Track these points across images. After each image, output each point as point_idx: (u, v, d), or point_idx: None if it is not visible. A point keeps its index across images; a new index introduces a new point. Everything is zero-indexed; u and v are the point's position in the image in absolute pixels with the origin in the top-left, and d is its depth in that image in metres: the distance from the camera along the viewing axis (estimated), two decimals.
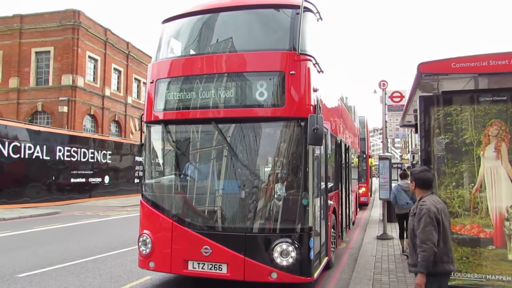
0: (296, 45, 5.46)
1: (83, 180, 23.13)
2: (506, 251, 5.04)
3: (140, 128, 6.56)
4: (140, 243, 5.94)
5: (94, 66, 31.34)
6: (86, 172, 23.30)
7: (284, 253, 5.19)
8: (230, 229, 5.66)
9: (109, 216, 16.53)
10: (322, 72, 6.32)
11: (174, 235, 5.65)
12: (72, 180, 22.24)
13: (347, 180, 10.89)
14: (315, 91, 5.72)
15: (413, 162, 28.27)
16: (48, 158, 20.40)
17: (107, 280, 6.78)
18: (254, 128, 5.75)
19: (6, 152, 18.00)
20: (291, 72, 5.43)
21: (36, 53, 29.53)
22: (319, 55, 6.08)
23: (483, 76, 5.45)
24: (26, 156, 19.11)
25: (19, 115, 28.52)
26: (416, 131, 6.82)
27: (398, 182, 8.98)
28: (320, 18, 6.48)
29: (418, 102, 5.72)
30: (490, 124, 5.24)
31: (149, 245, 5.81)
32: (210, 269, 5.45)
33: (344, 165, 10.03)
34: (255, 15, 6.28)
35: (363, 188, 18.63)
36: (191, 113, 5.90)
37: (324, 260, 6.54)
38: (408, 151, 47.95)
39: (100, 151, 24.57)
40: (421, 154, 5.77)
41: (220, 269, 5.41)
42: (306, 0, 5.79)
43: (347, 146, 10.77)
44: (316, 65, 5.91)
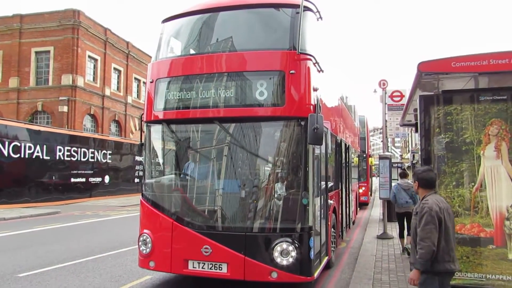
0: (296, 44, 5.45)
1: (83, 179, 23.13)
2: (506, 250, 5.05)
3: (140, 128, 6.56)
4: (140, 243, 5.94)
5: (94, 65, 31.33)
6: (86, 171, 23.30)
7: (284, 252, 5.19)
8: (230, 228, 5.65)
9: (109, 216, 16.53)
10: (322, 71, 6.31)
11: (174, 235, 5.64)
12: (72, 179, 22.25)
13: (347, 179, 10.88)
14: (315, 90, 5.71)
15: (413, 162, 28.28)
16: (48, 158, 20.40)
17: (107, 279, 6.78)
18: (254, 128, 5.74)
19: (6, 152, 18.01)
20: (291, 72, 5.42)
21: (36, 52, 29.53)
22: (319, 54, 6.07)
23: (483, 75, 5.44)
24: (26, 156, 19.11)
25: (19, 115, 28.53)
26: (416, 131, 6.81)
27: (398, 181, 8.98)
28: (320, 18, 6.47)
29: (418, 101, 5.72)
30: (490, 123, 5.24)
31: (149, 244, 5.80)
32: (210, 268, 5.45)
33: (344, 164, 10.02)
34: (255, 14, 6.27)
35: (363, 188, 18.64)
36: (191, 112, 5.89)
37: (324, 259, 6.54)
38: (408, 150, 47.93)
39: (100, 151, 24.56)
40: (421, 154, 5.77)
41: (220, 268, 5.41)
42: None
43: (347, 145, 10.76)
44: (316, 64, 5.90)
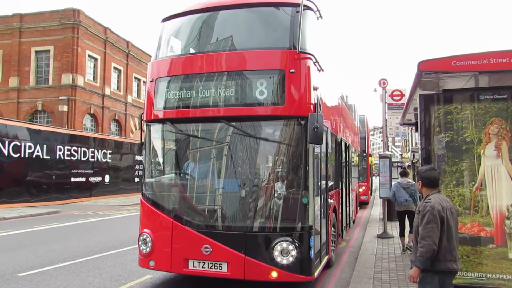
0: (296, 43, 5.44)
1: (83, 179, 23.13)
2: (506, 249, 5.04)
3: (140, 127, 6.55)
4: (140, 242, 5.93)
5: (94, 65, 31.32)
6: (86, 171, 23.30)
7: (285, 252, 5.19)
8: (230, 228, 5.64)
9: (109, 215, 16.52)
10: (322, 70, 6.31)
11: (174, 234, 5.64)
12: (72, 179, 22.24)
13: (347, 178, 10.88)
14: (315, 89, 5.70)
15: (413, 161, 28.31)
16: (48, 157, 20.40)
17: (108, 279, 6.78)
18: (254, 127, 5.72)
19: (6, 152, 18.00)
20: (291, 71, 5.41)
21: (36, 52, 29.52)
22: (319, 53, 6.06)
23: (484, 74, 5.43)
24: (26, 156, 19.11)
25: (19, 115, 28.52)
26: (417, 130, 6.80)
27: (397, 180, 8.99)
28: (320, 16, 6.46)
29: (419, 100, 5.71)
30: (490, 123, 5.23)
31: (149, 244, 5.80)
32: (210, 268, 5.44)
33: (344, 163, 10.01)
34: (255, 13, 6.26)
35: (363, 187, 18.62)
36: (191, 111, 5.89)
37: (325, 259, 6.54)
38: (408, 149, 47.94)
39: (100, 150, 24.56)
40: (421, 153, 5.76)
41: (220, 268, 5.41)
42: None
43: (348, 144, 10.75)
44: (316, 63, 5.89)
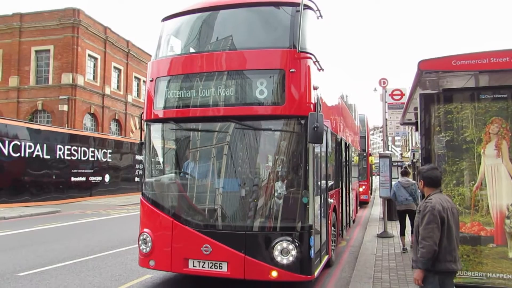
0: (296, 43, 5.43)
1: (84, 178, 23.13)
2: (506, 249, 5.05)
3: (140, 127, 6.55)
4: (140, 242, 5.93)
5: (94, 64, 31.31)
6: (86, 170, 23.29)
7: (285, 251, 5.19)
8: (230, 227, 5.65)
9: (109, 215, 16.52)
10: (323, 70, 6.30)
11: (174, 234, 5.64)
12: (73, 178, 22.24)
13: (348, 178, 10.88)
14: (315, 89, 5.70)
15: (413, 160, 28.28)
16: (49, 157, 20.39)
17: (108, 278, 6.79)
18: (254, 126, 5.71)
19: (6, 151, 17.99)
20: (291, 70, 5.41)
21: (36, 51, 29.51)
22: (319, 53, 6.06)
23: (484, 73, 5.43)
24: (27, 155, 19.10)
25: (19, 114, 28.53)
26: (417, 129, 6.80)
27: (398, 179, 9.00)
28: (320, 16, 6.45)
29: (419, 100, 5.71)
30: (490, 122, 5.23)
31: (149, 243, 5.80)
32: (211, 267, 5.44)
33: (344, 163, 10.01)
34: (255, 12, 6.25)
35: (364, 186, 18.61)
36: (191, 111, 5.88)
37: (325, 258, 6.54)
38: (408, 149, 47.93)
39: (100, 150, 24.55)
40: (421, 152, 5.77)
41: (220, 267, 5.40)
42: None
43: (348, 144, 10.75)
44: (316, 63, 5.89)
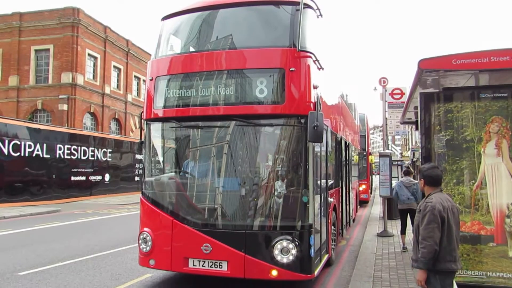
0: (296, 42, 5.42)
1: (84, 178, 23.13)
2: (506, 248, 5.05)
3: (140, 126, 6.55)
4: (140, 241, 5.93)
5: (94, 64, 31.30)
6: (86, 170, 23.28)
7: (285, 250, 5.19)
8: (230, 226, 5.64)
9: (109, 214, 16.52)
10: (322, 69, 6.30)
11: (174, 233, 5.64)
12: (73, 178, 22.24)
13: (348, 177, 10.88)
14: (315, 88, 5.70)
15: (413, 160, 28.32)
16: (48, 156, 20.38)
17: (108, 278, 6.79)
18: (254, 125, 5.71)
19: (6, 151, 17.98)
20: (291, 69, 5.41)
21: (36, 51, 29.49)
22: (319, 52, 6.06)
23: (484, 72, 5.42)
24: (26, 155, 19.09)
25: (19, 114, 28.52)
26: (417, 128, 6.80)
27: (400, 179, 9.02)
28: (320, 15, 6.45)
29: (419, 99, 5.71)
30: (491, 121, 5.23)
31: (149, 243, 5.80)
32: (211, 266, 5.44)
33: (344, 162, 10.01)
34: (255, 11, 6.25)
35: (363, 186, 18.61)
36: (191, 110, 5.88)
37: (325, 257, 6.54)
38: (408, 148, 47.95)
39: (100, 149, 24.54)
40: (421, 151, 5.76)
41: (220, 266, 5.41)
42: None
43: (348, 143, 10.75)
44: (316, 62, 5.88)
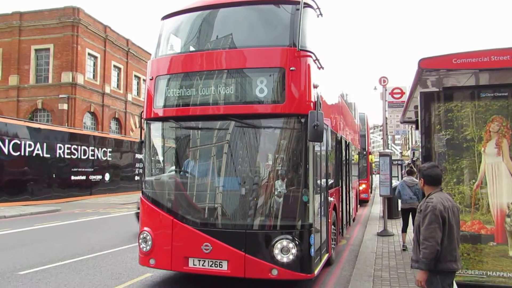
0: (296, 41, 5.42)
1: (84, 177, 23.13)
2: (507, 247, 5.04)
3: (140, 125, 6.55)
4: (140, 240, 5.94)
5: (94, 63, 31.30)
6: (86, 169, 23.29)
7: (285, 249, 5.19)
8: (231, 226, 5.64)
9: (109, 214, 16.52)
10: (322, 68, 6.29)
11: (174, 232, 5.64)
12: (73, 177, 22.25)
13: (348, 176, 10.87)
14: (315, 87, 5.69)
15: (413, 159, 28.31)
16: (49, 156, 20.39)
17: (108, 277, 6.79)
18: (254, 125, 5.71)
19: (6, 150, 17.99)
20: (291, 69, 5.40)
21: (36, 50, 29.49)
22: (319, 51, 6.05)
23: (484, 72, 5.42)
24: (27, 154, 19.10)
25: (19, 113, 28.52)
26: (417, 128, 6.81)
27: (403, 178, 9.06)
28: (320, 14, 6.44)
29: (419, 98, 5.70)
30: (491, 120, 5.22)
31: (149, 242, 5.80)
32: (211, 266, 5.45)
33: (344, 161, 10.01)
34: (255, 11, 6.25)
35: (364, 185, 18.60)
36: (191, 109, 5.87)
37: (325, 256, 6.54)
38: (408, 147, 47.94)
39: (100, 149, 24.54)
40: (421, 151, 5.76)
41: (220, 266, 5.41)
42: None
43: (348, 142, 10.75)
44: (316, 61, 5.88)
